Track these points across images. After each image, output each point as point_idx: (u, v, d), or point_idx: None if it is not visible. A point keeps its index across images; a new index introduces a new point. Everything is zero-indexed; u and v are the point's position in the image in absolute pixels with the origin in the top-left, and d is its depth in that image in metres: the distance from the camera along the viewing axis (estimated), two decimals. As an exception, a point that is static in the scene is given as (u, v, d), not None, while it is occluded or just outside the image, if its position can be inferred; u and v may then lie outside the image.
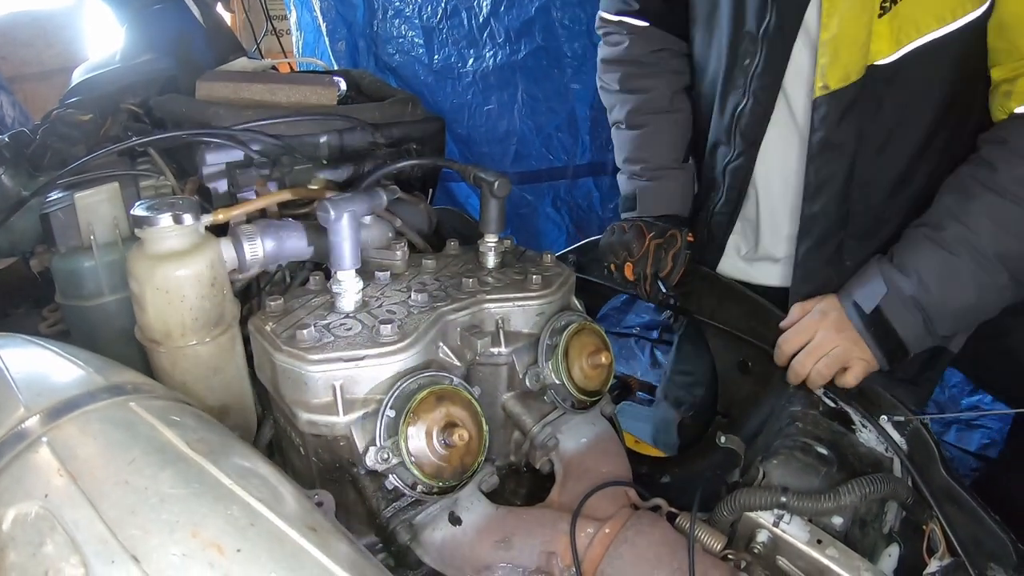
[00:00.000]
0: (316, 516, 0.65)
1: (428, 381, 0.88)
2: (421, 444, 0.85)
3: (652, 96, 1.59)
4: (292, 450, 1.00)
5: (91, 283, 1.08)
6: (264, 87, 1.42)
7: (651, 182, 1.57)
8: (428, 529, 0.92)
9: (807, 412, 1.15)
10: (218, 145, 1.26)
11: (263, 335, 0.92)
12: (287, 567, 0.56)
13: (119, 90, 1.59)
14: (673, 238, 1.45)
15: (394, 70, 3.13)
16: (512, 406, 1.07)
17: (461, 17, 2.93)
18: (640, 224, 1.47)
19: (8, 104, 3.35)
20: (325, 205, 0.93)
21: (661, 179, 1.57)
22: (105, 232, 1.09)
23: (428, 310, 0.97)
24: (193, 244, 0.92)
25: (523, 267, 1.12)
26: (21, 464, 0.60)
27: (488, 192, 1.08)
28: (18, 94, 3.55)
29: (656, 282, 1.44)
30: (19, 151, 1.29)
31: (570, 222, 3.24)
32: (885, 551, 1.04)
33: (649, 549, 0.89)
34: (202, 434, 0.67)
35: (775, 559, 0.95)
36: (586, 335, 1.06)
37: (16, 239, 1.23)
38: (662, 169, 1.57)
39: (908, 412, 1.12)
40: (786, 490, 0.95)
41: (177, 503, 0.58)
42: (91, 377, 0.71)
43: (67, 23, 3.96)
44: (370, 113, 1.46)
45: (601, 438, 1.12)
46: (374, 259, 1.09)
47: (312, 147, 1.37)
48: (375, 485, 0.89)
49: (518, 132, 3.04)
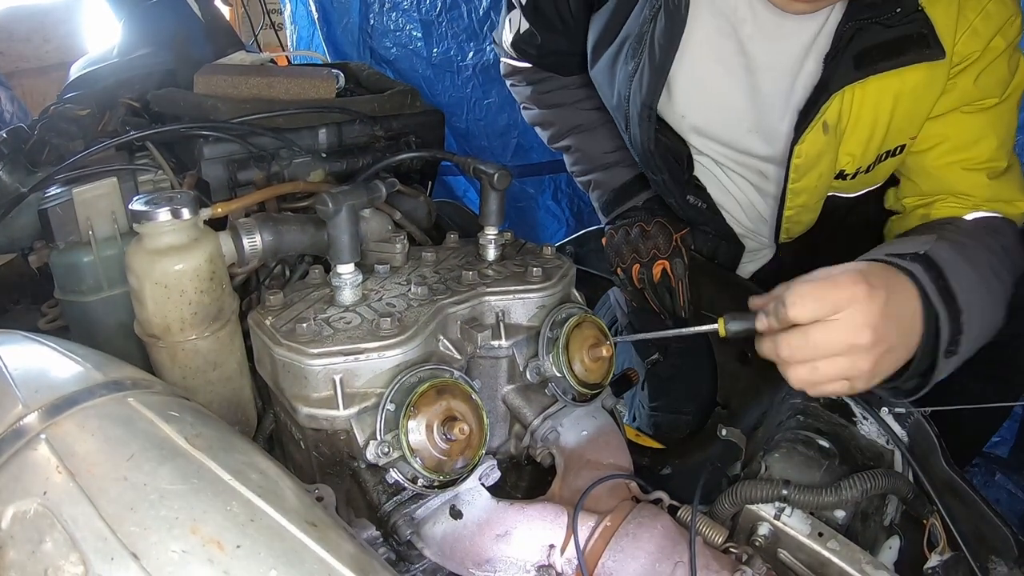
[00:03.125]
0: (316, 511, 0.65)
1: (428, 374, 0.88)
2: (421, 438, 0.85)
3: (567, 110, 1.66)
4: (292, 444, 1.00)
5: (90, 278, 1.08)
6: (262, 80, 1.42)
7: (610, 169, 1.60)
8: (429, 523, 0.92)
9: (808, 404, 1.15)
10: (216, 139, 1.26)
11: (263, 329, 0.91)
12: (287, 563, 0.56)
13: (117, 84, 1.59)
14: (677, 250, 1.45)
15: (391, 63, 3.12)
16: (512, 399, 1.07)
17: (461, 10, 2.92)
18: (641, 224, 1.46)
19: (6, 99, 3.34)
20: (324, 198, 0.93)
21: (617, 165, 1.60)
22: (103, 227, 1.09)
23: (428, 303, 0.97)
24: (192, 238, 0.91)
25: (523, 260, 1.11)
26: (19, 461, 0.60)
27: (488, 184, 1.08)
28: (16, 89, 3.55)
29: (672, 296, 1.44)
30: (17, 146, 1.28)
31: (570, 215, 3.23)
32: (886, 543, 1.04)
33: (651, 542, 0.89)
34: (201, 429, 0.67)
35: (776, 552, 0.95)
36: (587, 328, 1.05)
37: (14, 235, 1.22)
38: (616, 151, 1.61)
39: (909, 404, 1.11)
40: (787, 483, 0.95)
41: (176, 499, 0.58)
42: (89, 373, 0.70)
43: (65, 18, 3.94)
44: (369, 106, 1.45)
45: (602, 431, 1.11)
46: (373, 252, 1.09)
47: (311, 140, 1.37)
48: (376, 479, 0.89)
49: (519, 125, 3.02)
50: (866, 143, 1.21)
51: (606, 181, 1.59)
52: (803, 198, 1.30)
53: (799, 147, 1.21)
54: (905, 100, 1.16)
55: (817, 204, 1.33)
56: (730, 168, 1.40)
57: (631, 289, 1.50)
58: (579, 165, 1.65)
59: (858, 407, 1.14)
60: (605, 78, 1.36)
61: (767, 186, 1.37)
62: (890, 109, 1.16)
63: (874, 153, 1.23)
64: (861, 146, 1.21)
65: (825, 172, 1.25)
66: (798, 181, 1.26)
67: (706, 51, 1.25)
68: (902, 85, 1.14)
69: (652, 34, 1.23)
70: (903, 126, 1.20)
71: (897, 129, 1.20)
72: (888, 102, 1.16)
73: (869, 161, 1.24)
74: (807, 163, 1.23)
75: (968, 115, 1.19)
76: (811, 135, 1.19)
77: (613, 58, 1.33)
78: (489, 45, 2.92)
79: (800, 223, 1.37)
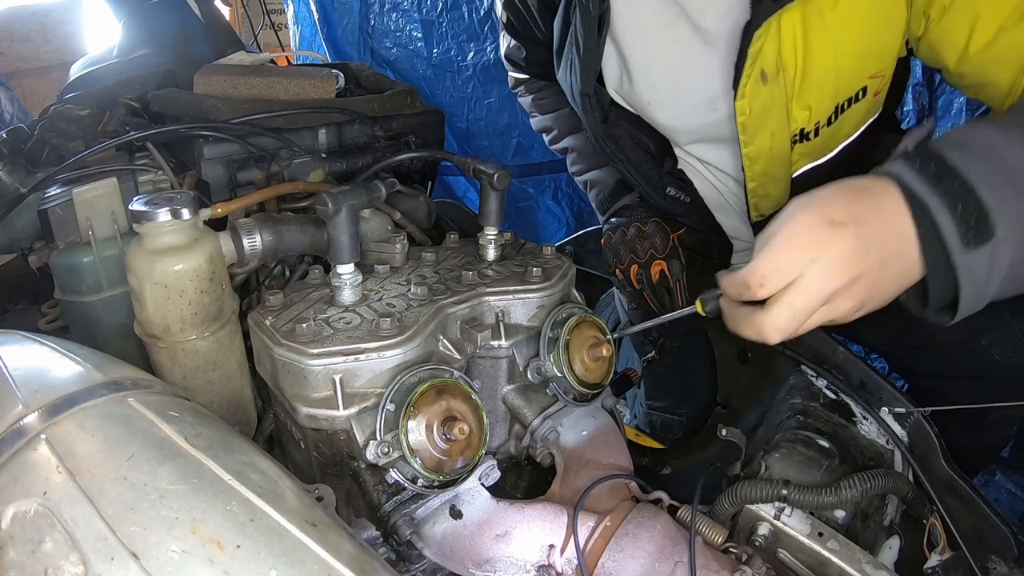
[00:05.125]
0: (316, 511, 0.65)
1: (428, 374, 0.88)
2: (421, 438, 0.85)
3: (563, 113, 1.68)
4: (292, 444, 1.00)
5: (90, 278, 1.08)
6: (262, 81, 1.42)
7: (605, 167, 1.61)
8: (429, 523, 0.92)
9: (808, 404, 1.15)
10: (216, 139, 1.26)
11: (262, 329, 0.91)
12: (287, 563, 0.56)
13: (117, 85, 1.59)
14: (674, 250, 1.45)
15: (391, 64, 3.12)
16: (512, 399, 1.07)
17: (462, 11, 2.92)
18: (638, 224, 1.46)
19: (6, 100, 3.34)
20: (324, 198, 0.93)
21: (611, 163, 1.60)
22: (103, 227, 1.09)
23: (428, 303, 0.97)
24: (192, 239, 0.91)
25: (523, 260, 1.11)
26: (20, 461, 0.60)
27: (488, 184, 1.08)
28: (16, 89, 3.55)
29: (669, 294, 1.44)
30: (17, 147, 1.29)
31: (570, 215, 3.24)
32: (886, 543, 1.04)
33: (651, 542, 0.89)
34: (201, 429, 0.67)
35: (776, 552, 0.95)
36: (586, 327, 1.05)
37: (14, 235, 1.22)
38: None
39: (909, 404, 1.12)
40: (787, 483, 0.95)
41: (176, 499, 0.58)
42: (89, 373, 0.70)
43: (65, 18, 3.95)
44: (369, 106, 1.45)
45: (602, 431, 1.11)
46: (373, 252, 1.09)
47: (311, 140, 1.37)
48: (375, 479, 0.89)
49: (520, 125, 3.02)
50: (819, 90, 1.11)
51: (602, 179, 1.60)
52: (761, 164, 1.23)
53: (740, 103, 1.14)
54: (851, 29, 1.05)
55: (782, 173, 1.25)
56: (703, 154, 1.38)
57: (630, 290, 1.50)
58: (577, 165, 1.67)
59: (858, 407, 1.14)
60: (564, 79, 1.38)
61: (730, 160, 1.34)
62: (835, 46, 1.07)
63: (830, 102, 1.14)
64: (814, 94, 1.12)
65: (777, 130, 1.17)
66: (749, 144, 1.20)
67: (644, 22, 1.23)
68: (846, 8, 1.03)
69: (575, 25, 1.24)
70: (857, 64, 1.10)
71: (850, 69, 1.10)
72: (830, 37, 1.06)
73: (828, 112, 1.15)
74: (753, 121, 1.16)
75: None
76: (749, 87, 1.11)
77: (560, 59, 1.36)
78: (489, 45, 2.93)
79: (768, 197, 1.30)
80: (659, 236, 1.44)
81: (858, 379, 1.17)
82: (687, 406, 1.73)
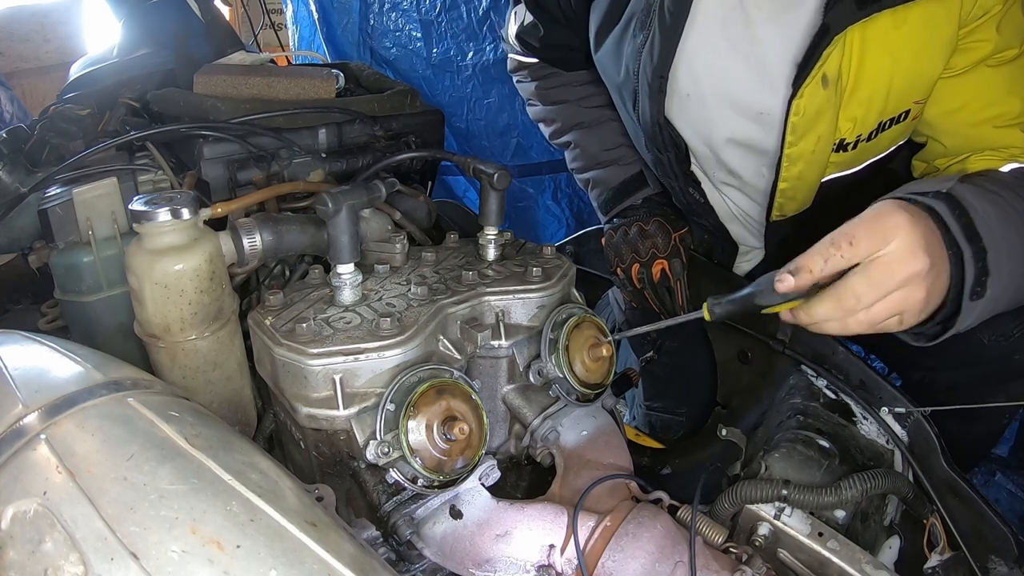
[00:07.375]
0: (316, 511, 0.65)
1: (428, 374, 0.88)
2: (421, 438, 0.85)
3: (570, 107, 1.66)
4: (292, 444, 1.00)
5: (90, 278, 1.08)
6: (262, 80, 1.42)
7: (609, 167, 1.60)
8: (429, 523, 0.92)
9: (808, 404, 1.15)
10: (216, 139, 1.26)
11: (262, 329, 0.91)
12: (287, 563, 0.56)
13: (117, 85, 1.59)
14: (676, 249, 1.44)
15: (391, 63, 3.12)
16: (512, 399, 1.07)
17: (460, 11, 2.92)
18: (640, 223, 1.46)
19: (6, 100, 3.34)
20: (324, 198, 0.93)
21: (616, 163, 1.59)
22: (103, 227, 1.09)
23: (428, 303, 0.97)
24: (192, 239, 0.91)
25: (523, 260, 1.11)
26: (20, 461, 0.60)
27: (488, 184, 1.08)
28: (16, 89, 3.55)
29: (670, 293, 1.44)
30: (17, 147, 1.29)
31: (570, 215, 3.23)
32: (886, 543, 1.04)
33: (651, 542, 0.89)
34: (201, 429, 0.67)
35: (776, 552, 0.95)
36: (587, 328, 1.05)
37: (14, 235, 1.22)
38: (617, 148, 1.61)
39: (909, 404, 1.11)
40: (787, 483, 0.95)
41: (176, 499, 0.57)
42: (89, 373, 0.70)
43: (65, 18, 3.94)
44: (369, 106, 1.45)
45: (602, 431, 1.11)
46: (373, 252, 1.09)
47: (311, 140, 1.37)
48: (376, 479, 0.89)
49: (519, 125, 3.02)
50: (867, 104, 1.15)
51: (605, 179, 1.59)
52: (800, 167, 1.25)
53: (797, 102, 1.16)
54: (908, 52, 1.11)
55: (815, 178, 1.28)
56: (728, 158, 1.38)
57: (631, 289, 1.50)
58: (579, 162, 1.65)
59: (858, 407, 1.14)
60: (611, 59, 1.35)
61: (752, 163, 1.34)
62: (891, 65, 1.12)
63: (876, 118, 1.18)
64: (863, 107, 1.16)
65: (824, 135, 1.20)
66: (795, 144, 1.21)
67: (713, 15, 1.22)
68: (908, 32, 1.08)
69: (661, 4, 1.22)
70: (906, 86, 1.14)
71: (900, 90, 1.15)
72: (889, 56, 1.11)
73: (871, 127, 1.19)
74: (805, 122, 1.18)
75: (993, 68, 1.13)
76: (810, 88, 1.13)
77: (620, 36, 1.32)
78: (489, 45, 2.92)
79: (795, 200, 1.33)
80: (661, 235, 1.44)
81: (858, 379, 1.17)
82: (687, 406, 1.72)
